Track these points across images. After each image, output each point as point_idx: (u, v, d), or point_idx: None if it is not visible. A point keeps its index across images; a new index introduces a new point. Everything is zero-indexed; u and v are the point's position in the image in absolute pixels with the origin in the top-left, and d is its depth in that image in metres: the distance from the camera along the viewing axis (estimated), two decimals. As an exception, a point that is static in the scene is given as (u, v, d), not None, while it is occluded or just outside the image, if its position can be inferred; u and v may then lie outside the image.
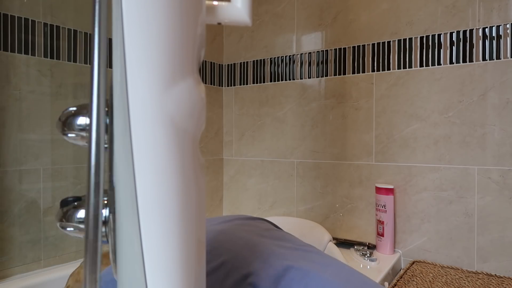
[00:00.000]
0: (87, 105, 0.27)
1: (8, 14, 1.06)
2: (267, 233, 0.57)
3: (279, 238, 0.56)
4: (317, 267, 0.49)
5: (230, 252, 0.48)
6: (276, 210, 1.63)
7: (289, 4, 1.59)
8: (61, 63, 1.18)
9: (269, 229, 0.59)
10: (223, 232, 0.53)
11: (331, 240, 1.30)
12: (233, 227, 0.56)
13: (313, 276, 0.47)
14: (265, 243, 0.52)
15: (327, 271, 0.50)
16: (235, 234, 0.53)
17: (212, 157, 1.74)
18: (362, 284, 0.50)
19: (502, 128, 1.15)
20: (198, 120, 0.23)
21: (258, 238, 0.54)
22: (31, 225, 1.11)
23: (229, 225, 0.57)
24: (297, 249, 0.54)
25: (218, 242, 0.50)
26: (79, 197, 0.28)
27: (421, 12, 1.28)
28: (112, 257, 0.25)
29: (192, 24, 0.22)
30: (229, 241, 0.51)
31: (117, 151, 0.22)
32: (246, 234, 0.54)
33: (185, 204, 0.22)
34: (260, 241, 0.52)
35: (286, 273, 0.46)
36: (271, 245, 0.52)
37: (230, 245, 0.50)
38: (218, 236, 0.52)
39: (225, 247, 0.49)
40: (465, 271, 1.16)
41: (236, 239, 0.52)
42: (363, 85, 1.40)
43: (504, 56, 1.14)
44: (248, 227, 0.57)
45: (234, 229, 0.55)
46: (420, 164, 1.28)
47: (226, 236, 0.52)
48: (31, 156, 1.11)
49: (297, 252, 0.52)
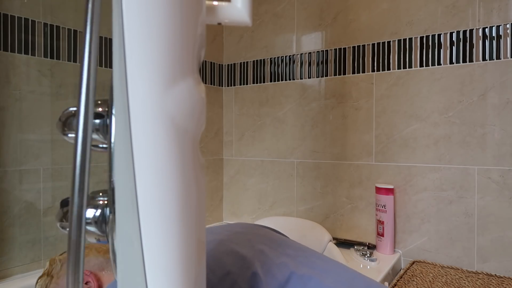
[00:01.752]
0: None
1: (8, 14, 1.06)
2: (268, 241, 0.57)
3: (280, 245, 0.56)
4: (318, 273, 0.50)
5: (234, 264, 0.48)
6: (276, 210, 1.63)
7: (289, 4, 1.59)
8: (61, 63, 1.18)
9: (269, 237, 0.59)
10: (225, 242, 0.53)
11: (331, 240, 1.30)
12: (235, 237, 0.56)
13: (315, 283, 0.47)
14: (266, 252, 0.52)
15: (328, 277, 0.50)
16: (239, 243, 0.53)
17: (212, 157, 1.74)
18: (366, 287, 0.50)
19: (502, 128, 1.15)
20: (198, 120, 0.23)
21: (261, 246, 0.54)
22: (31, 225, 1.11)
23: (229, 235, 0.57)
24: (298, 256, 0.54)
25: (221, 253, 0.50)
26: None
27: (421, 12, 1.28)
28: (112, 257, 0.25)
29: (192, 24, 0.22)
30: (231, 251, 0.51)
31: (117, 151, 0.22)
32: (247, 243, 0.54)
33: (185, 204, 0.22)
34: (261, 250, 0.53)
35: (288, 282, 0.47)
36: (272, 254, 0.52)
37: (233, 256, 0.50)
38: (219, 247, 0.52)
39: (229, 258, 0.49)
40: (465, 271, 1.16)
41: (238, 249, 0.52)
42: (363, 85, 1.40)
43: (504, 56, 1.14)
44: (250, 236, 0.58)
45: (236, 239, 0.55)
46: (420, 164, 1.28)
47: (228, 247, 0.52)
48: (31, 156, 1.11)
49: (298, 259, 0.52)
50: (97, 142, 0.27)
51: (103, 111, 0.26)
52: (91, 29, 0.21)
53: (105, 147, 0.27)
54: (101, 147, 0.27)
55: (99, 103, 0.26)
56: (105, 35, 1.28)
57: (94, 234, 0.26)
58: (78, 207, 0.21)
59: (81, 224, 0.21)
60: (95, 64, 0.22)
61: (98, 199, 0.26)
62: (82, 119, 0.21)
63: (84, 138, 0.21)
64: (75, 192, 0.21)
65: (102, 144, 0.27)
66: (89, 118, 0.21)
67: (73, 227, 0.21)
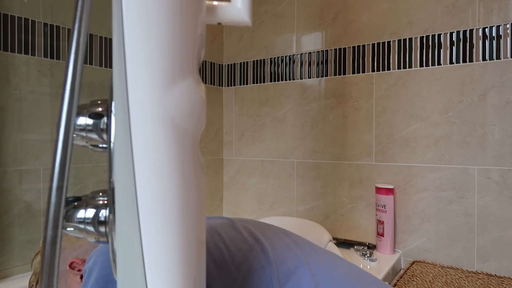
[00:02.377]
0: (87, 105, 0.27)
1: (8, 14, 1.06)
2: (277, 231, 0.58)
3: (289, 236, 0.57)
4: (326, 265, 0.50)
5: (246, 242, 0.50)
6: (276, 210, 1.63)
7: (289, 4, 1.59)
8: (61, 63, 1.18)
9: (278, 228, 0.60)
10: (236, 223, 0.55)
11: (331, 240, 1.30)
12: (244, 226, 0.57)
13: (323, 274, 0.48)
14: (275, 239, 0.53)
15: (336, 269, 0.51)
16: (251, 232, 0.54)
17: (212, 157, 1.74)
18: (371, 283, 0.51)
19: (502, 128, 1.15)
20: (198, 120, 0.23)
21: (270, 234, 0.55)
22: (31, 225, 1.11)
23: (239, 220, 0.59)
24: (306, 247, 0.55)
25: (234, 232, 0.52)
26: (79, 197, 0.28)
27: (421, 12, 1.28)
28: (112, 257, 0.25)
29: (192, 24, 0.22)
30: (242, 237, 0.52)
31: (117, 151, 0.22)
32: (259, 230, 0.55)
33: (185, 204, 0.22)
34: (270, 238, 0.53)
35: (296, 270, 0.47)
36: (282, 242, 0.53)
37: (245, 235, 0.51)
38: (231, 229, 0.53)
39: (242, 235, 0.51)
40: (465, 271, 1.16)
41: (252, 234, 0.53)
42: (363, 85, 1.40)
43: (504, 56, 1.14)
44: (260, 225, 0.59)
45: (244, 228, 0.56)
46: (420, 164, 1.28)
47: (239, 230, 0.53)
48: (31, 156, 1.11)
49: (307, 250, 0.53)
50: (96, 142, 0.27)
51: (103, 111, 0.26)
52: (79, 27, 0.21)
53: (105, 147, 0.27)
54: (101, 147, 0.27)
55: (99, 103, 0.26)
56: (105, 35, 1.28)
57: (94, 234, 0.26)
58: (56, 206, 0.21)
59: (57, 224, 0.21)
60: (82, 62, 0.22)
61: (98, 199, 0.26)
62: (64, 115, 0.21)
63: (66, 135, 0.21)
64: (53, 191, 0.21)
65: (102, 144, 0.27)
66: (72, 115, 0.21)
67: (49, 227, 0.21)
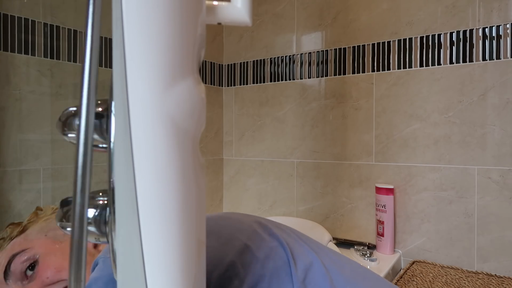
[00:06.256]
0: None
1: (8, 14, 1.06)
2: (288, 229, 0.58)
3: (293, 232, 0.58)
4: (335, 263, 0.51)
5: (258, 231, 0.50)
6: (276, 210, 1.63)
7: (289, 4, 1.59)
8: (61, 63, 1.18)
9: (288, 227, 0.61)
10: (249, 217, 0.56)
11: (331, 240, 1.30)
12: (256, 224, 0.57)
13: (334, 271, 0.48)
14: (288, 238, 0.54)
15: (345, 267, 0.51)
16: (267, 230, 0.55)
17: (212, 157, 1.74)
18: (376, 281, 0.52)
19: (502, 128, 1.15)
20: (198, 120, 0.23)
21: (279, 232, 0.55)
22: (31, 225, 1.11)
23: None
24: (316, 246, 0.55)
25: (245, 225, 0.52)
26: (79, 197, 0.27)
27: (421, 12, 1.28)
28: (112, 257, 0.25)
29: (192, 24, 0.22)
30: (257, 226, 0.53)
31: (117, 151, 0.22)
32: (271, 224, 0.56)
33: (185, 204, 0.22)
34: (286, 236, 0.54)
35: (311, 266, 0.48)
36: (294, 240, 0.53)
37: (256, 229, 0.52)
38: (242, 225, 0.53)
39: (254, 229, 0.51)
40: (465, 271, 1.16)
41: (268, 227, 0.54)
42: (363, 85, 1.40)
43: (504, 56, 1.14)
44: (267, 220, 0.59)
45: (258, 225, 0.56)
46: (420, 164, 1.28)
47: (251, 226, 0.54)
48: (31, 156, 1.11)
49: (316, 249, 0.54)
50: (97, 142, 0.27)
51: (102, 111, 0.26)
52: (92, 30, 0.21)
53: (105, 147, 0.27)
54: (101, 147, 0.27)
55: (99, 103, 0.26)
56: (105, 35, 1.28)
57: (94, 234, 0.26)
58: (80, 207, 0.21)
59: (83, 224, 0.21)
60: (97, 64, 0.22)
61: (98, 199, 0.26)
62: (84, 119, 0.21)
63: (86, 138, 0.21)
64: (78, 192, 0.21)
65: (102, 144, 0.27)
66: (90, 118, 0.21)
67: (75, 227, 0.21)
